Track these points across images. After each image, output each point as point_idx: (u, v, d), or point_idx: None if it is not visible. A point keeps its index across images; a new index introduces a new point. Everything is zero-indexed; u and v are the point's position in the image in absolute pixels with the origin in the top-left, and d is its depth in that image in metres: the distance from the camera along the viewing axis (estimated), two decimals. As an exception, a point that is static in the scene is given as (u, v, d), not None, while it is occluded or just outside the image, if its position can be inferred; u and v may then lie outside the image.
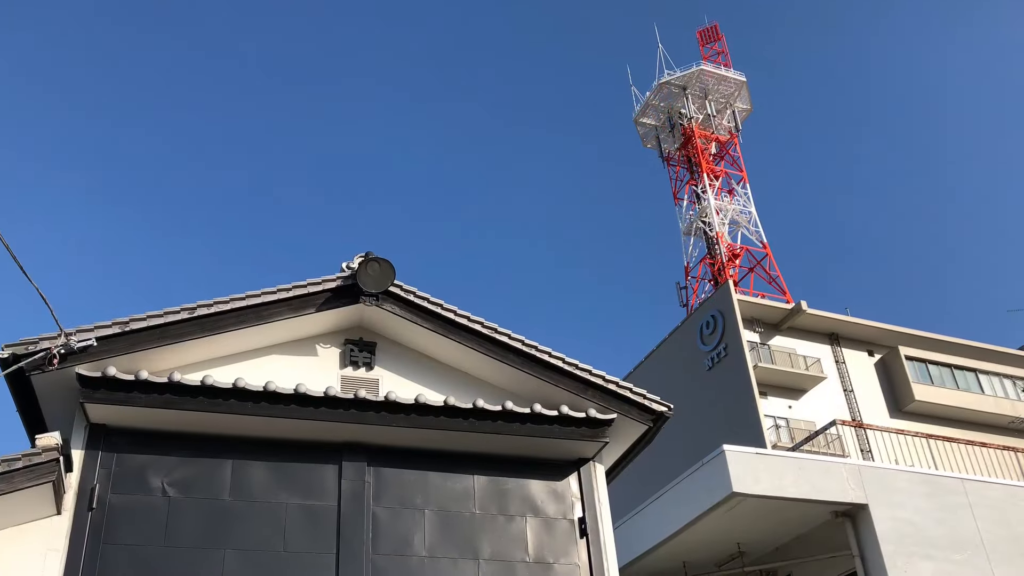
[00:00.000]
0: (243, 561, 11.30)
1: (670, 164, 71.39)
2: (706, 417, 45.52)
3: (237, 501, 11.65)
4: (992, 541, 18.87)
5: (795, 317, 49.09)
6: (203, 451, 11.81)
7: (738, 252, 63.32)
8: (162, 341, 11.84)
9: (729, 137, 70.69)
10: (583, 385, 13.35)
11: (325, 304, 12.91)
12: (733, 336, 47.42)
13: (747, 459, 18.10)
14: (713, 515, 18.33)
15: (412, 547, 11.98)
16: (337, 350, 13.38)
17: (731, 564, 21.14)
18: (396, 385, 13.09)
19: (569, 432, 12.91)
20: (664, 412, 13.65)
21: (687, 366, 49.98)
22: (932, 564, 18.05)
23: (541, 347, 13.35)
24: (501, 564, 12.23)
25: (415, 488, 12.41)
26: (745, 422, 44.49)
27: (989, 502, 19.48)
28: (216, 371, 12.21)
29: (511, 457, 13.01)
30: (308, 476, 12.06)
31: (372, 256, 12.93)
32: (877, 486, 18.62)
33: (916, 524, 18.47)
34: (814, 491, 18.24)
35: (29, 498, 10.55)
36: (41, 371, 11.05)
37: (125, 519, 11.18)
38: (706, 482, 18.29)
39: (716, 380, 47.87)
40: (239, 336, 12.49)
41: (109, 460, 11.45)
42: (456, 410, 12.44)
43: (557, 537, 12.70)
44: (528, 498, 12.85)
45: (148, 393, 11.37)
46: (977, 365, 52.22)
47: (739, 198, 66.77)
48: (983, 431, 47.50)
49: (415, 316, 13.17)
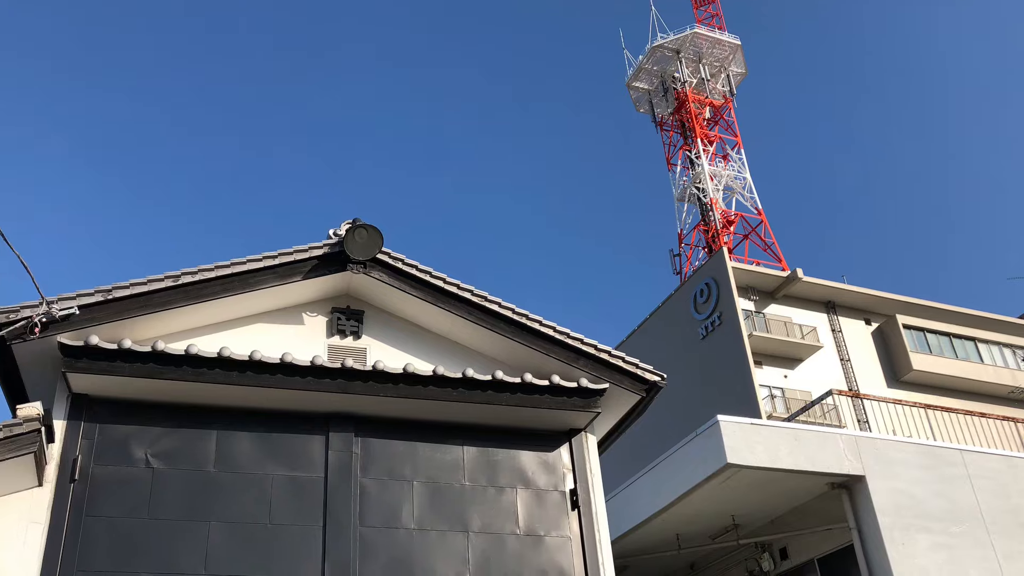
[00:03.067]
0: (228, 533, 11.19)
1: (663, 129, 71.26)
2: (700, 387, 45.49)
3: (222, 472, 11.52)
4: (991, 513, 18.76)
5: (791, 285, 48.99)
6: (187, 422, 11.68)
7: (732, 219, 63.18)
8: (146, 309, 11.68)
9: (723, 101, 70.48)
10: (575, 354, 13.20)
11: (312, 272, 12.73)
12: (727, 304, 47.31)
13: (742, 430, 17.96)
14: (707, 487, 18.20)
15: (400, 519, 11.87)
16: (324, 319, 13.22)
17: (725, 536, 21.04)
18: (384, 354, 12.93)
19: (560, 402, 12.77)
20: (657, 382, 13.50)
21: (681, 335, 49.92)
22: (930, 536, 17.94)
23: (532, 316, 13.18)
24: (491, 536, 12.12)
25: (403, 459, 12.28)
26: (740, 392, 44.44)
27: (988, 473, 19.37)
28: (201, 340, 12.06)
29: (501, 428, 12.89)
30: (294, 447, 11.93)
31: (359, 223, 12.74)
32: (874, 457, 18.49)
33: (914, 496, 18.35)
34: (810, 462, 18.12)
35: (10, 470, 10.40)
36: (22, 340, 10.92)
37: (108, 491, 11.06)
38: (700, 453, 18.16)
39: (710, 349, 47.80)
40: (224, 304, 12.32)
41: (92, 431, 11.32)
42: (445, 380, 12.30)
43: (548, 509, 12.58)
44: (519, 469, 12.72)
45: (131, 362, 11.22)
46: (976, 334, 52.21)
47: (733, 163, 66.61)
48: (982, 401, 47.48)
49: (403, 284, 13.00)
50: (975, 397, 48.33)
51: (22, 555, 10.37)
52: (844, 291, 50.37)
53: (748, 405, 42.66)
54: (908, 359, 48.79)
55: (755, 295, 48.97)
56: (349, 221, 12.90)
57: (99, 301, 11.32)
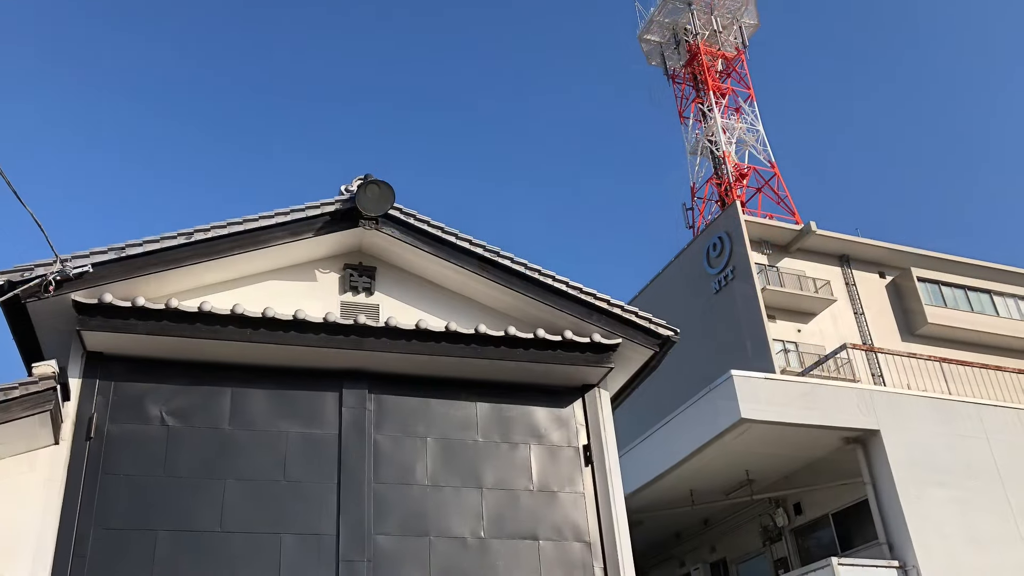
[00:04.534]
0: (243, 491, 11.24)
1: (675, 82, 70.67)
2: (713, 342, 45.40)
3: (237, 430, 11.58)
4: (1007, 467, 18.81)
5: (804, 238, 48.74)
6: (202, 379, 11.72)
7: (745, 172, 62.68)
8: (159, 267, 11.68)
9: (736, 54, 69.87)
10: (587, 310, 13.19)
11: (324, 228, 12.71)
12: (741, 258, 47.10)
13: (756, 384, 18.02)
14: (721, 442, 18.29)
15: (414, 476, 11.91)
16: (336, 275, 13.21)
17: (739, 492, 21.13)
18: (397, 311, 12.93)
19: (573, 358, 12.78)
20: (670, 337, 13.49)
21: (693, 289, 49.76)
22: (945, 491, 18.00)
23: (544, 271, 13.17)
24: (504, 492, 12.17)
25: (417, 416, 12.32)
26: (753, 347, 44.34)
27: (1004, 428, 19.40)
28: (214, 297, 12.07)
29: (514, 384, 12.90)
30: (308, 404, 11.97)
31: (371, 179, 12.72)
32: (889, 411, 18.53)
33: (929, 450, 18.41)
34: (824, 417, 18.18)
35: (27, 428, 10.45)
36: (37, 298, 10.95)
37: (124, 448, 11.11)
38: (714, 408, 18.21)
39: (723, 304, 47.64)
40: (237, 261, 12.32)
41: (107, 389, 11.36)
42: (458, 336, 12.31)
43: (561, 465, 12.62)
44: (532, 425, 12.76)
45: (145, 320, 11.24)
46: (992, 286, 51.90)
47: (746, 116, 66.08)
48: (998, 355, 47.26)
49: (415, 240, 12.98)
50: (991, 350, 48.08)
51: (40, 512, 10.44)
52: (858, 244, 50.11)
53: (762, 360, 42.55)
54: (923, 312, 48.56)
55: (768, 249, 48.74)
56: (361, 177, 12.88)
57: (113, 259, 11.33)
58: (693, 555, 24.83)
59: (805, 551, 21.11)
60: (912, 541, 17.12)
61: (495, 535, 11.87)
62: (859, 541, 19.18)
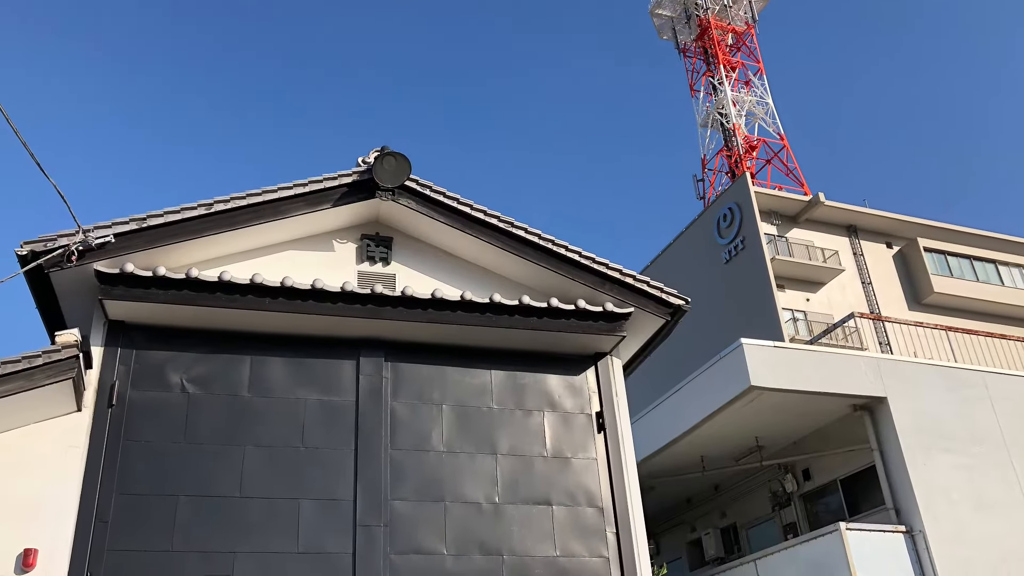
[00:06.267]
0: (262, 457, 11.42)
1: (686, 56, 70.66)
2: (723, 311, 45.45)
3: (256, 397, 11.75)
4: (1012, 434, 18.94)
5: (813, 209, 48.71)
6: (221, 347, 11.89)
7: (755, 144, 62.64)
8: (179, 237, 11.84)
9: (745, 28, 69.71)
10: (600, 279, 13.34)
11: (341, 199, 12.85)
12: (750, 229, 47.11)
13: (765, 352, 18.13)
14: (731, 409, 18.40)
15: (430, 442, 12.09)
16: (354, 245, 13.35)
17: (749, 458, 21.27)
18: (413, 280, 13.10)
19: (586, 326, 12.93)
20: (681, 306, 13.63)
21: (704, 260, 49.79)
22: (951, 457, 18.14)
23: (558, 241, 13.30)
24: (519, 458, 12.34)
25: (433, 383, 12.49)
26: (763, 316, 44.39)
27: (1009, 395, 19.52)
28: (233, 267, 12.24)
29: (528, 352, 13.07)
30: (326, 372, 12.13)
31: (388, 150, 12.85)
32: (896, 379, 18.65)
33: (935, 417, 18.53)
34: (833, 384, 18.29)
35: (50, 395, 10.64)
36: (59, 268, 11.09)
37: (145, 415, 11.29)
38: (724, 376, 18.33)
39: (733, 273, 47.68)
40: (256, 232, 12.47)
41: (128, 357, 11.54)
42: (473, 305, 12.47)
43: (575, 431, 12.79)
44: (545, 393, 12.92)
45: (166, 289, 11.41)
46: (997, 256, 51.90)
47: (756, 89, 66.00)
48: (1003, 323, 47.40)
49: (431, 210, 13.13)
50: (996, 319, 48.18)
51: (63, 478, 10.62)
52: (865, 215, 50.07)
53: (771, 328, 42.62)
54: (929, 282, 48.59)
55: (778, 219, 48.72)
56: (378, 149, 13.01)
57: (134, 229, 11.47)
58: (704, 520, 24.98)
59: (814, 516, 21.26)
60: (919, 506, 17.26)
61: (509, 500, 12.05)
62: (866, 506, 19.30)
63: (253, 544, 10.92)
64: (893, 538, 17.15)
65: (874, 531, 17.13)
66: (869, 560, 16.66)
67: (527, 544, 11.84)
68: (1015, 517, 17.95)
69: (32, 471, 10.55)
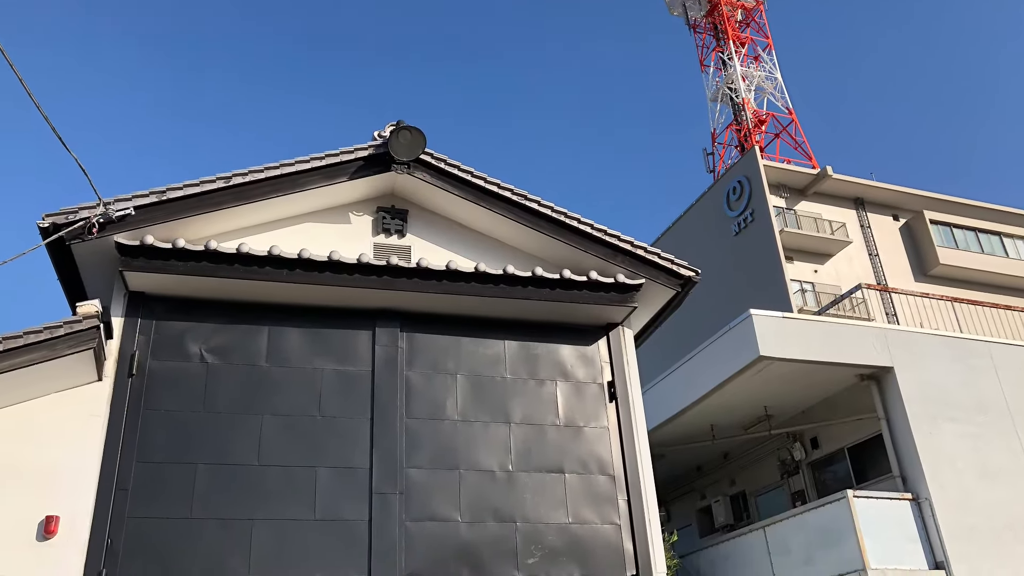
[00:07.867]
0: (280, 426, 11.59)
1: (696, 31, 70.61)
2: (733, 282, 45.59)
3: (273, 367, 11.90)
4: (1017, 403, 19.07)
5: (820, 182, 48.75)
6: (240, 318, 12.05)
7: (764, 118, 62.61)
8: (199, 210, 11.99)
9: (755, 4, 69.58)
10: (612, 251, 13.47)
11: (357, 172, 12.99)
12: (759, 201, 47.21)
13: (774, 323, 18.25)
14: (740, 379, 18.54)
15: (444, 411, 12.25)
16: (370, 218, 13.50)
17: (758, 427, 21.43)
18: (428, 252, 13.25)
19: (598, 297, 13.08)
20: (691, 277, 13.77)
21: (714, 232, 49.88)
22: (957, 426, 18.27)
23: (570, 213, 13.43)
24: (532, 427, 12.50)
25: (447, 353, 12.64)
26: (771, 287, 44.51)
27: (1014, 364, 19.65)
28: (251, 239, 12.40)
29: (541, 322, 13.22)
30: (343, 342, 12.29)
31: (403, 124, 12.96)
32: (903, 349, 18.78)
33: (941, 387, 18.66)
34: (840, 354, 18.41)
35: (71, 365, 10.80)
36: (81, 240, 11.22)
37: (165, 385, 11.46)
38: (733, 346, 18.46)
39: (743, 245, 47.78)
40: (274, 205, 12.61)
41: (148, 327, 11.70)
42: (487, 276, 12.62)
43: (587, 401, 12.94)
44: (558, 363, 13.07)
45: (185, 260, 11.58)
46: (1002, 228, 51.96)
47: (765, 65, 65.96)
48: (1008, 295, 47.56)
49: (446, 183, 13.27)
50: (1001, 291, 48.35)
51: (83, 446, 10.80)
52: (873, 188, 50.11)
53: (779, 299, 42.75)
54: (935, 254, 48.67)
55: (786, 192, 48.77)
56: (393, 123, 13.12)
57: (154, 202, 11.62)
58: (713, 488, 25.13)
59: (821, 484, 21.41)
60: (925, 474, 17.38)
61: (522, 468, 12.20)
62: (873, 474, 19.43)
63: (270, 511, 11.07)
64: (899, 505, 17.30)
65: (881, 499, 17.27)
66: (876, 527, 16.81)
67: (540, 511, 11.99)
68: (1019, 485, 18.10)
69: (54, 440, 10.72)
